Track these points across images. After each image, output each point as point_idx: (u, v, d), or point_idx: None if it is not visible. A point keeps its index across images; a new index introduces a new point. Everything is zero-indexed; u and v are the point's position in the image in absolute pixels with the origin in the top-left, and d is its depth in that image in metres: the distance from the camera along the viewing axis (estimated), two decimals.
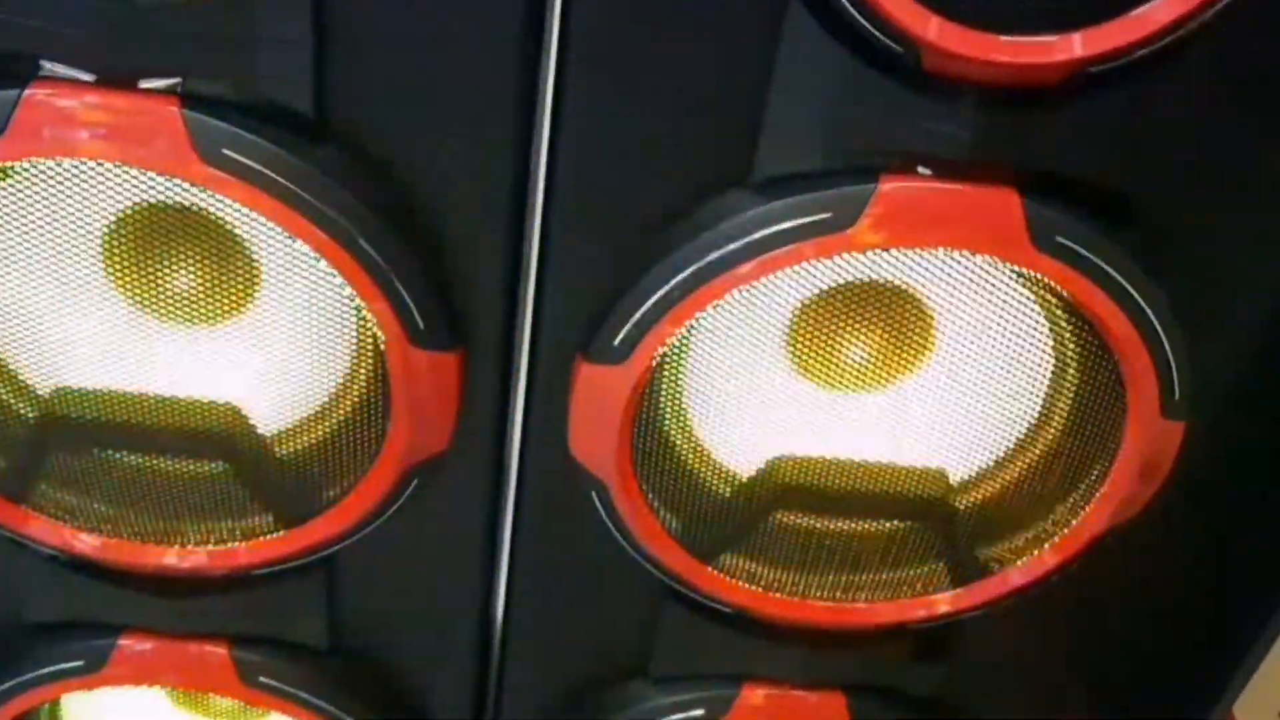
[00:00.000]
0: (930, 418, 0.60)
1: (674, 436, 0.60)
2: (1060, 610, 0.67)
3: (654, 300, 0.54)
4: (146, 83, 0.51)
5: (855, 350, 0.58)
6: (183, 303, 0.57)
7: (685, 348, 0.57)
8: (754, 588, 0.63)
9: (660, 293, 0.54)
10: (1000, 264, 0.54)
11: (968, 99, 0.51)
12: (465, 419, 0.60)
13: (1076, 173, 0.53)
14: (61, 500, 0.62)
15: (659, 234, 0.54)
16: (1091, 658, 0.72)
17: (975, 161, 0.52)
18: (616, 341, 0.55)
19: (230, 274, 0.56)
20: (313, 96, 0.52)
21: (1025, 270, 0.54)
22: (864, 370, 0.58)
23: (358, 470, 0.60)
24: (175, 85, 0.51)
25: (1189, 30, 0.48)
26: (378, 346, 0.56)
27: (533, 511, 0.64)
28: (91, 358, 0.59)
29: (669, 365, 0.57)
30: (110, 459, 0.62)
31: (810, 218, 0.52)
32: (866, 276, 0.55)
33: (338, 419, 0.60)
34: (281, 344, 0.58)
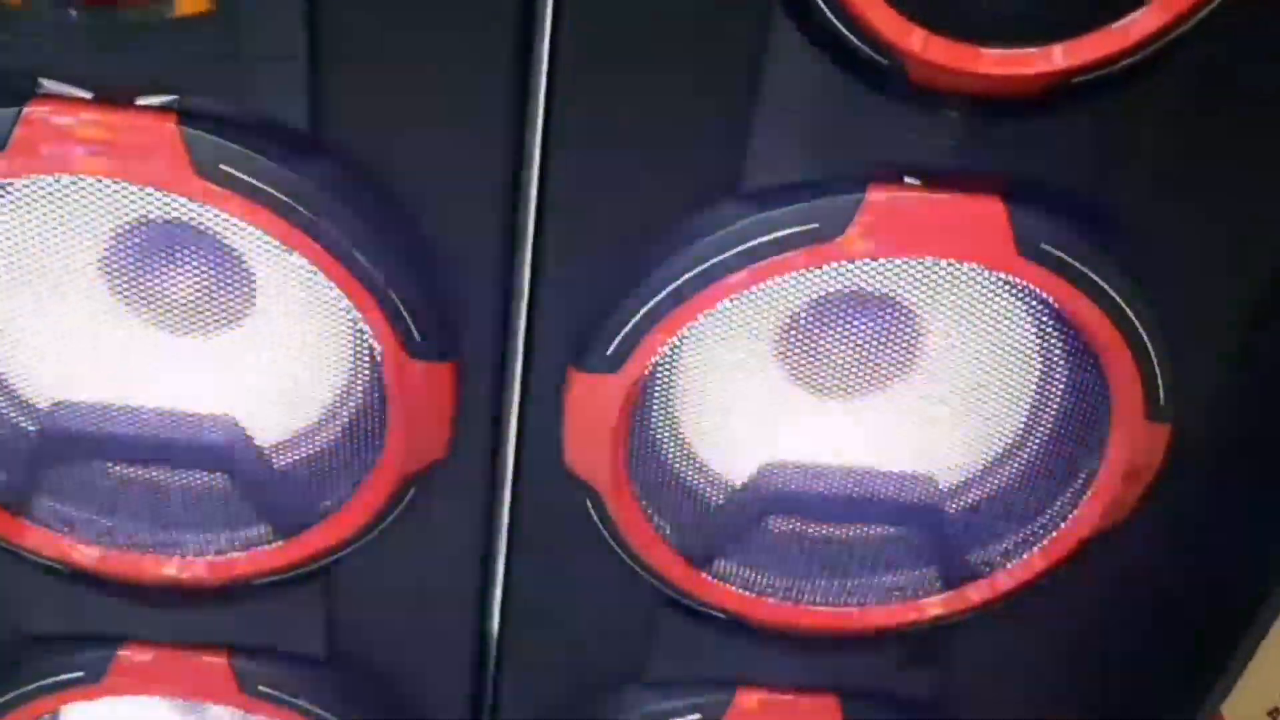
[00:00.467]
0: (919, 423, 0.60)
1: (667, 444, 0.60)
2: (1050, 612, 0.67)
3: (646, 309, 0.55)
4: (144, 100, 0.51)
5: (845, 357, 0.58)
6: (180, 316, 0.57)
7: (677, 356, 0.57)
8: (747, 593, 0.64)
9: (652, 302, 0.54)
10: (986, 271, 0.54)
11: (953, 110, 0.52)
12: (461, 429, 0.60)
13: (1060, 181, 0.54)
14: (61, 512, 0.62)
15: (650, 244, 0.55)
16: (1081, 659, 0.72)
17: (961, 171, 0.53)
18: (609, 351, 0.56)
19: (228, 287, 0.56)
20: (308, 112, 0.52)
21: (1011, 277, 0.54)
22: (854, 377, 0.59)
23: (354, 481, 0.60)
24: (172, 102, 0.51)
25: (1170, 41, 0.49)
26: (374, 358, 0.56)
27: (528, 519, 0.65)
28: (90, 371, 0.59)
29: (661, 374, 0.57)
30: (109, 471, 0.62)
31: (799, 227, 0.53)
32: (855, 285, 0.56)
33: (334, 430, 0.60)
34: (278, 356, 0.58)
